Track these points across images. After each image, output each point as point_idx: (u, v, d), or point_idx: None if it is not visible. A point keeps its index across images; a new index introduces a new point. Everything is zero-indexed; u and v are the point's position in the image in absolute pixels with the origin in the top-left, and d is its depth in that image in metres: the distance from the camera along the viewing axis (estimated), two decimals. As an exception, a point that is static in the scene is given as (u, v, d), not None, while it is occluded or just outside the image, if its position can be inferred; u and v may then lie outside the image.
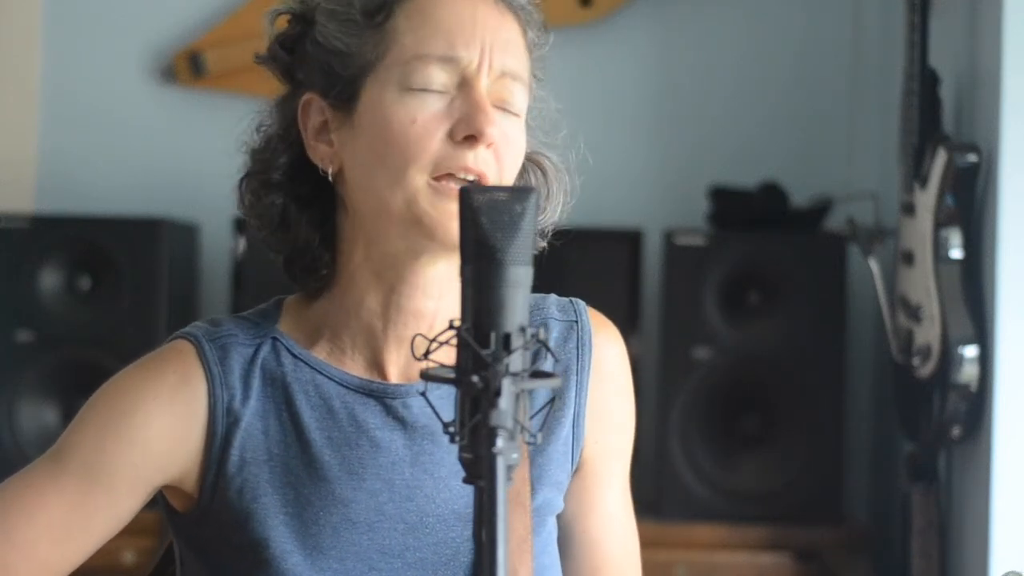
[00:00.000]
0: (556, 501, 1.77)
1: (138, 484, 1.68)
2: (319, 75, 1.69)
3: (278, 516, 1.67)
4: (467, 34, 1.66)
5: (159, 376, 1.69)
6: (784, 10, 4.14)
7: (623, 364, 1.82)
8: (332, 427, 1.69)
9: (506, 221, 1.41)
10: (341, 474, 1.68)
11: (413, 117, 1.64)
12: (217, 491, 1.68)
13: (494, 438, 1.34)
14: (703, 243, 3.76)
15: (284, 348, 1.72)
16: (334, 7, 1.69)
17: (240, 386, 1.69)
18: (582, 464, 1.79)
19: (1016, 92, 3.14)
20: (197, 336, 1.71)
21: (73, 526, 1.67)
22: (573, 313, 1.81)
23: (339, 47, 1.68)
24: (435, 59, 1.65)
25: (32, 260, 3.77)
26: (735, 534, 3.67)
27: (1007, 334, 3.17)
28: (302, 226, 1.72)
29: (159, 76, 4.18)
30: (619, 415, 1.82)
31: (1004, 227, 3.15)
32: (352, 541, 1.68)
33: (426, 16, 1.66)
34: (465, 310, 1.40)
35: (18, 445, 3.72)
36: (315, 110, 1.70)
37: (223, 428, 1.68)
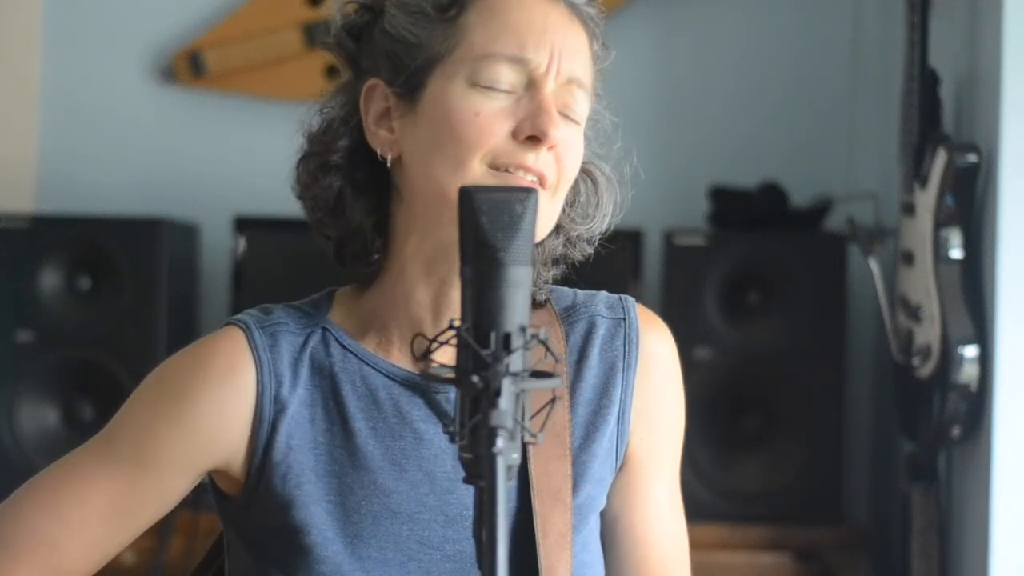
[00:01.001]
0: (599, 498, 1.77)
1: (187, 466, 1.71)
2: (385, 63, 1.71)
3: (320, 503, 1.69)
4: (537, 36, 1.68)
5: (209, 361, 1.71)
6: (784, 10, 4.14)
7: (672, 362, 1.83)
8: (377, 418, 1.71)
9: (506, 221, 1.41)
10: (384, 464, 1.70)
11: (477, 110, 1.66)
12: (263, 476, 1.70)
13: (494, 438, 1.34)
14: (703, 243, 3.76)
15: (333, 338, 1.73)
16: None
17: (289, 374, 1.71)
18: (628, 461, 1.79)
19: (1016, 92, 3.14)
20: (248, 323, 1.73)
21: (122, 507, 1.71)
22: (621, 311, 1.84)
23: (408, 38, 1.69)
24: (504, 58, 1.67)
25: (32, 260, 3.77)
26: (735, 534, 3.67)
27: (1007, 334, 3.17)
28: (357, 210, 1.72)
29: (159, 76, 4.18)
30: (667, 413, 1.82)
31: (1004, 227, 3.15)
32: (392, 531, 1.70)
33: (498, 14, 1.68)
34: (465, 310, 1.40)
35: (18, 445, 3.72)
36: (378, 96, 1.71)
37: (270, 414, 1.70)
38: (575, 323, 1.80)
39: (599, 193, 1.81)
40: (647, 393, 1.80)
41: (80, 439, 4.08)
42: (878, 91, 4.02)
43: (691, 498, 3.72)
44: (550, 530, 1.70)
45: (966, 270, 3.26)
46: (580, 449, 1.75)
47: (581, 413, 1.76)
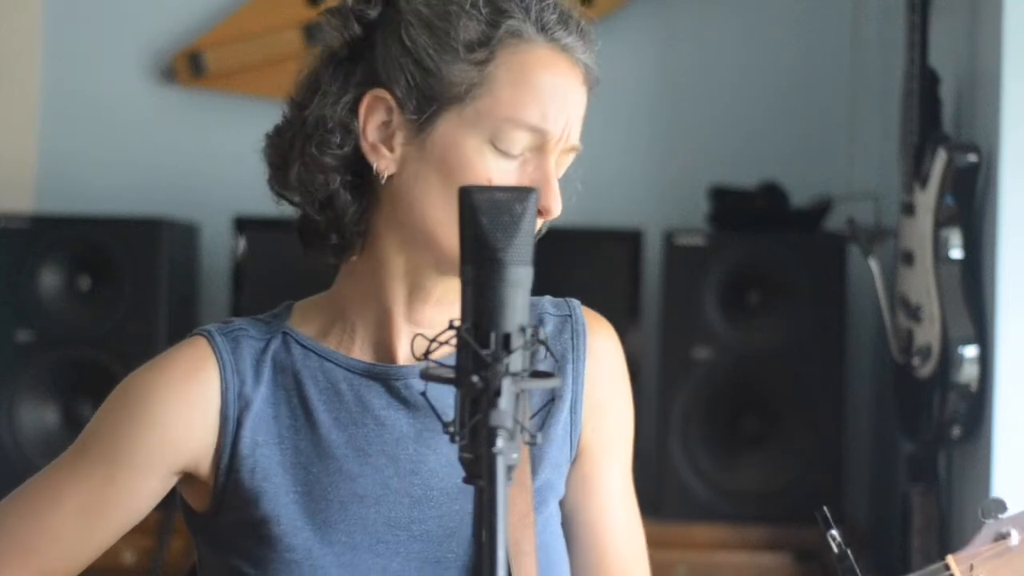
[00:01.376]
0: (557, 484, 1.82)
1: (158, 466, 1.74)
2: (398, 77, 1.71)
3: (288, 495, 1.73)
4: (559, 107, 1.70)
5: (172, 365, 1.76)
6: (784, 10, 4.13)
7: (618, 356, 1.87)
8: (339, 408, 1.76)
9: (506, 221, 1.41)
10: (348, 451, 1.74)
11: (490, 176, 1.69)
12: (232, 472, 1.74)
13: (494, 438, 1.34)
14: (703, 243, 3.76)
15: (294, 340, 1.78)
16: (431, 17, 1.71)
17: (251, 373, 1.76)
18: (581, 452, 1.84)
19: (1016, 92, 3.14)
20: (209, 330, 1.78)
21: (98, 510, 1.75)
22: (567, 308, 1.86)
23: (429, 64, 1.70)
24: (528, 127, 1.69)
25: (32, 260, 3.77)
26: (735, 534, 3.67)
27: (1007, 334, 3.17)
28: (348, 214, 1.74)
29: (159, 76, 4.18)
30: (616, 405, 1.87)
31: (1004, 227, 3.15)
32: (360, 515, 1.74)
33: (527, 77, 1.69)
34: (465, 310, 1.40)
35: (18, 445, 3.72)
36: (382, 109, 1.72)
37: (235, 411, 1.74)
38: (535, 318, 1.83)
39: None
40: (597, 386, 1.84)
41: (80, 439, 4.04)
42: (878, 91, 4.02)
43: (691, 498, 3.75)
44: (513, 509, 1.74)
45: (966, 270, 3.26)
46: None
47: (535, 401, 1.78)
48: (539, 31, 1.70)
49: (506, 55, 1.69)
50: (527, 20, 1.70)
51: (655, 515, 3.67)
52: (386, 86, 1.71)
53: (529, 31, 1.70)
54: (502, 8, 1.70)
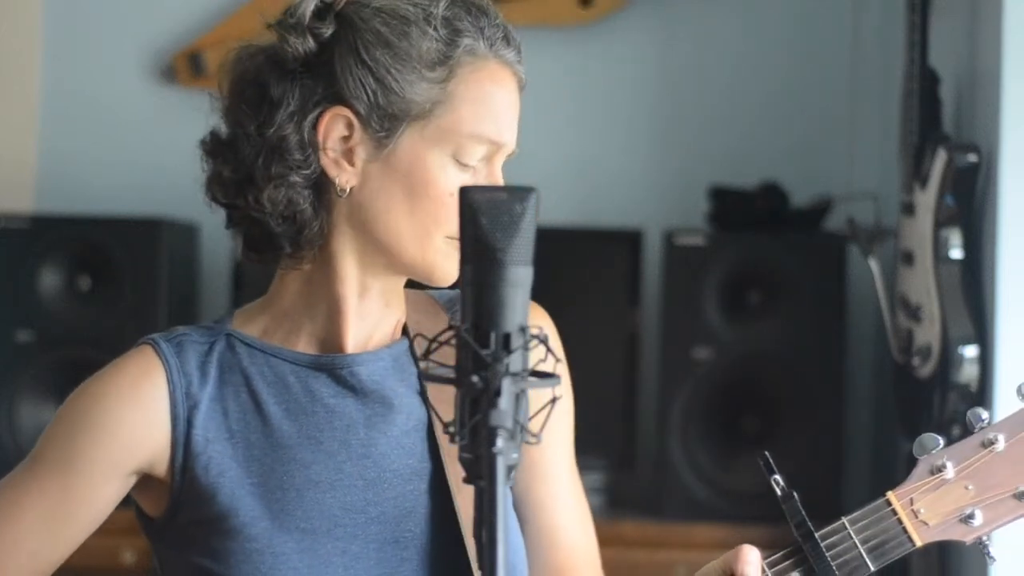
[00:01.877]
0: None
1: (114, 470, 1.78)
2: (358, 94, 1.75)
3: (244, 487, 1.77)
4: (508, 121, 1.79)
5: (119, 373, 1.81)
6: (784, 10, 4.13)
7: (554, 339, 1.88)
8: (288, 400, 1.80)
9: (506, 221, 1.41)
10: (300, 440, 1.78)
11: (452, 191, 1.74)
12: (187, 470, 1.77)
13: (494, 438, 1.34)
14: (703, 243, 3.76)
15: (238, 341, 1.82)
16: (389, 36, 1.75)
17: (197, 373, 1.80)
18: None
19: (1016, 92, 3.14)
20: (153, 338, 1.83)
21: (55, 517, 1.78)
22: None
23: (390, 82, 1.74)
24: (487, 141, 1.77)
25: (32, 260, 3.77)
26: (735, 534, 3.66)
27: (1007, 334, 3.17)
28: (309, 227, 1.78)
29: (159, 76, 4.18)
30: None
31: (1004, 227, 3.15)
32: (316, 500, 1.77)
33: (484, 93, 1.77)
34: (465, 310, 1.40)
35: (18, 445, 3.72)
36: (341, 125, 1.76)
37: (184, 411, 1.78)
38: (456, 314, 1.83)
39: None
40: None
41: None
42: (878, 91, 4.02)
43: (691, 498, 3.75)
44: (463, 487, 1.74)
45: (966, 270, 3.26)
46: None
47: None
48: (489, 48, 1.77)
49: (464, 73, 1.75)
50: (480, 38, 1.77)
51: (655, 515, 3.67)
52: (346, 103, 1.75)
53: (481, 49, 1.77)
54: (457, 28, 1.76)
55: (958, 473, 1.81)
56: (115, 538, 1.84)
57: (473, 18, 1.77)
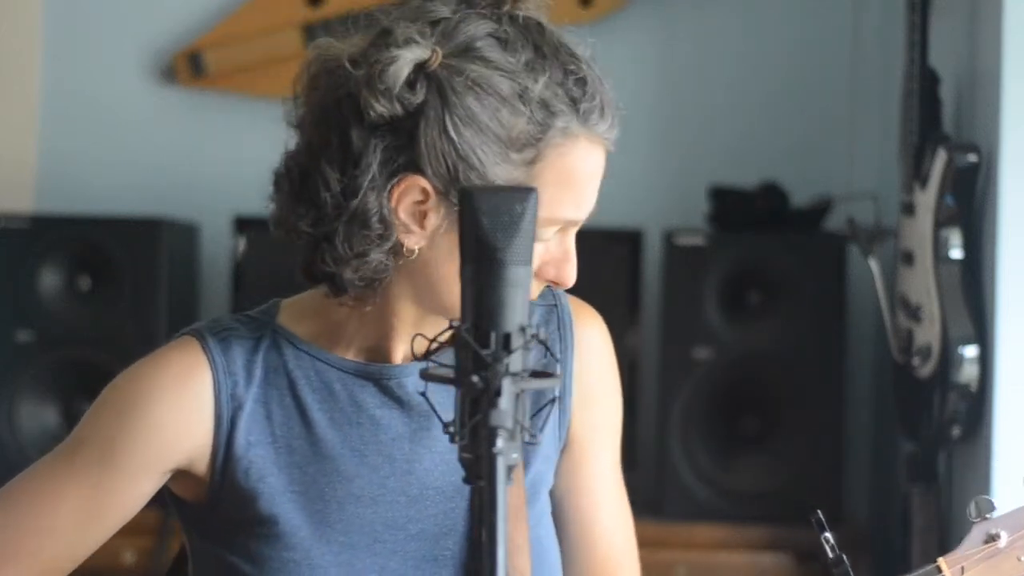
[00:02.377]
0: (547, 475, 1.83)
1: (150, 469, 1.75)
2: (439, 168, 1.65)
3: (285, 494, 1.74)
4: (590, 197, 1.73)
5: (164, 366, 1.76)
6: (784, 10, 4.13)
7: (606, 345, 1.88)
8: (334, 408, 1.75)
9: (506, 221, 1.41)
10: (344, 451, 1.75)
11: None
12: (227, 472, 1.74)
13: (494, 438, 1.34)
14: (703, 243, 3.76)
15: (285, 340, 1.77)
16: (479, 113, 1.65)
17: (243, 373, 1.75)
18: (569, 442, 1.84)
19: (1016, 92, 3.13)
20: (200, 330, 1.77)
21: (91, 511, 1.74)
22: (552, 298, 1.85)
23: (474, 162, 1.65)
24: (563, 222, 1.71)
25: (32, 260, 3.77)
26: (735, 534, 3.67)
27: (1007, 334, 3.17)
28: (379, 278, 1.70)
29: (159, 76, 4.18)
30: (604, 395, 1.87)
31: (1004, 227, 3.15)
32: (357, 514, 1.74)
33: (569, 176, 1.69)
34: (465, 310, 1.40)
35: (18, 445, 3.72)
36: (416, 192, 1.67)
37: (229, 412, 1.74)
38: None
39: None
40: (585, 376, 1.85)
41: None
42: (878, 91, 4.02)
43: (691, 498, 3.75)
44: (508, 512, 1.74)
45: (966, 270, 3.26)
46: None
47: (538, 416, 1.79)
48: (582, 124, 1.69)
49: (552, 155, 1.67)
50: (574, 116, 1.68)
51: (655, 515, 3.67)
52: (425, 174, 1.65)
53: (574, 127, 1.68)
54: (552, 109, 1.67)
55: (1011, 543, 1.76)
56: (115, 538, 1.82)
57: (572, 94, 1.68)
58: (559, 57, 1.70)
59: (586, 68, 1.71)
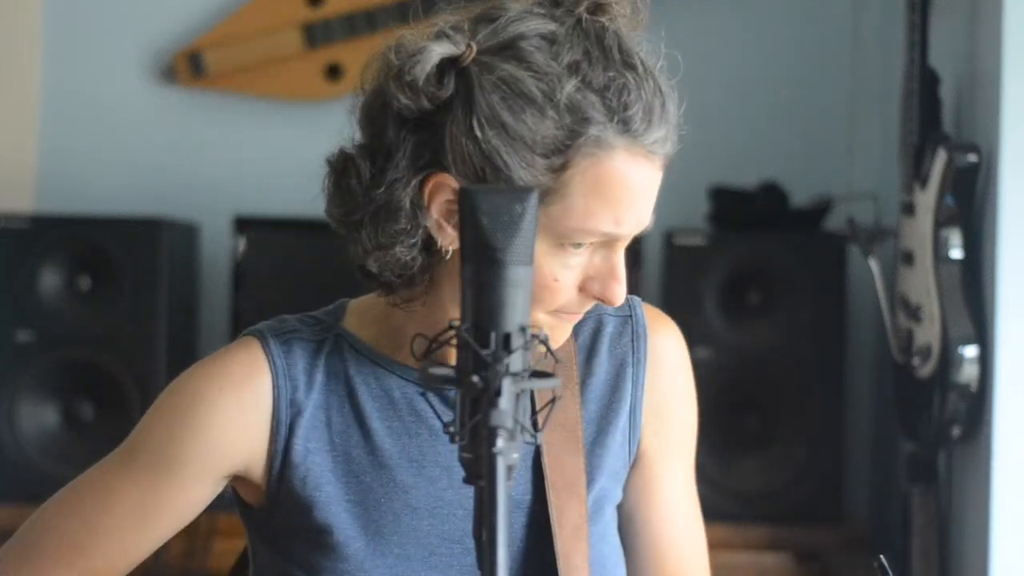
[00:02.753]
0: (614, 491, 1.80)
1: (207, 472, 1.73)
2: (467, 169, 1.61)
3: (341, 503, 1.71)
4: (632, 211, 1.66)
5: (225, 369, 1.73)
6: (784, 10, 4.13)
7: (682, 359, 1.86)
8: (393, 417, 1.73)
9: (506, 221, 1.41)
10: (402, 462, 1.72)
11: (556, 276, 1.64)
12: (283, 480, 1.72)
13: (494, 438, 1.34)
14: (703, 243, 3.76)
15: (347, 344, 1.74)
16: (504, 113, 1.60)
17: (304, 378, 1.73)
18: (640, 456, 1.82)
19: (1016, 92, 3.13)
20: (263, 331, 1.74)
21: (146, 513, 1.73)
22: (627, 309, 1.82)
23: (498, 163, 1.60)
24: (599, 234, 1.64)
25: (32, 260, 3.77)
26: (735, 534, 3.67)
27: (1007, 334, 3.17)
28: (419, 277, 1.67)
29: (159, 76, 4.18)
30: (679, 409, 1.86)
31: (1004, 227, 3.15)
32: (413, 526, 1.72)
33: (602, 188, 1.62)
34: (465, 310, 1.40)
35: (18, 445, 3.72)
36: (447, 192, 1.63)
37: (287, 418, 1.72)
38: (583, 323, 1.79)
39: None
40: (658, 389, 1.82)
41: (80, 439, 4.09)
42: (878, 91, 4.02)
43: (691, 498, 3.72)
44: (565, 522, 1.72)
45: (966, 270, 3.26)
46: (593, 443, 1.77)
47: (592, 409, 1.78)
48: (622, 133, 1.62)
49: (583, 164, 1.61)
50: (608, 124, 1.61)
51: (655, 515, 3.66)
52: (451, 172, 1.62)
53: (610, 137, 1.61)
54: (585, 115, 1.60)
55: None
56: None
57: (610, 102, 1.62)
58: (610, 64, 1.64)
59: (640, 78, 1.65)
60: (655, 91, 1.66)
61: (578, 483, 1.74)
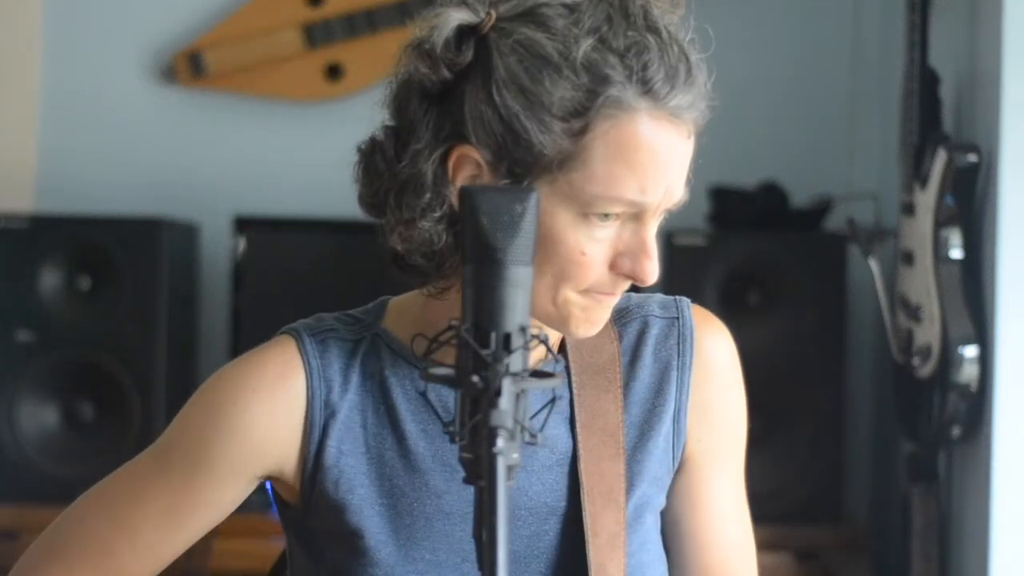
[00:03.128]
0: (656, 498, 1.75)
1: (239, 474, 1.70)
2: (487, 137, 1.58)
3: (373, 507, 1.68)
4: (658, 178, 1.62)
5: (259, 369, 1.70)
6: (784, 10, 4.14)
7: (730, 360, 1.84)
8: (427, 419, 1.68)
9: (506, 221, 1.41)
10: (435, 465, 1.68)
11: (583, 249, 1.60)
12: (316, 482, 1.69)
13: (494, 438, 1.34)
14: (703, 243, 3.76)
15: (384, 344, 1.71)
16: (524, 79, 1.57)
17: (339, 379, 1.69)
18: (686, 461, 1.78)
19: (1016, 92, 3.14)
20: (299, 330, 1.71)
21: (176, 514, 1.70)
22: (675, 310, 1.82)
23: (519, 130, 1.57)
24: (624, 202, 1.60)
25: (32, 260, 3.77)
26: (735, 534, 3.66)
27: (1007, 334, 3.17)
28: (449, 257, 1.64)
29: (159, 76, 4.18)
30: (726, 413, 1.83)
31: (1004, 227, 3.15)
32: (445, 532, 1.68)
33: (624, 152, 1.58)
34: (465, 310, 1.40)
35: (18, 445, 3.72)
36: (471, 165, 1.60)
37: (321, 419, 1.69)
38: (628, 324, 1.78)
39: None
40: (704, 392, 1.79)
41: (80, 439, 4.08)
42: (878, 91, 4.02)
43: (691, 498, 3.72)
44: (601, 530, 1.68)
45: (966, 270, 3.26)
46: (635, 448, 1.73)
47: (635, 412, 1.74)
48: (643, 95, 1.59)
49: (604, 126, 1.57)
50: (629, 84, 1.58)
51: (655, 515, 3.66)
52: (474, 144, 1.59)
53: (630, 98, 1.58)
54: (603, 74, 1.57)
55: None
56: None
57: (630, 63, 1.59)
58: (632, 27, 1.61)
59: (664, 43, 1.63)
60: (680, 56, 1.65)
61: (617, 489, 1.70)
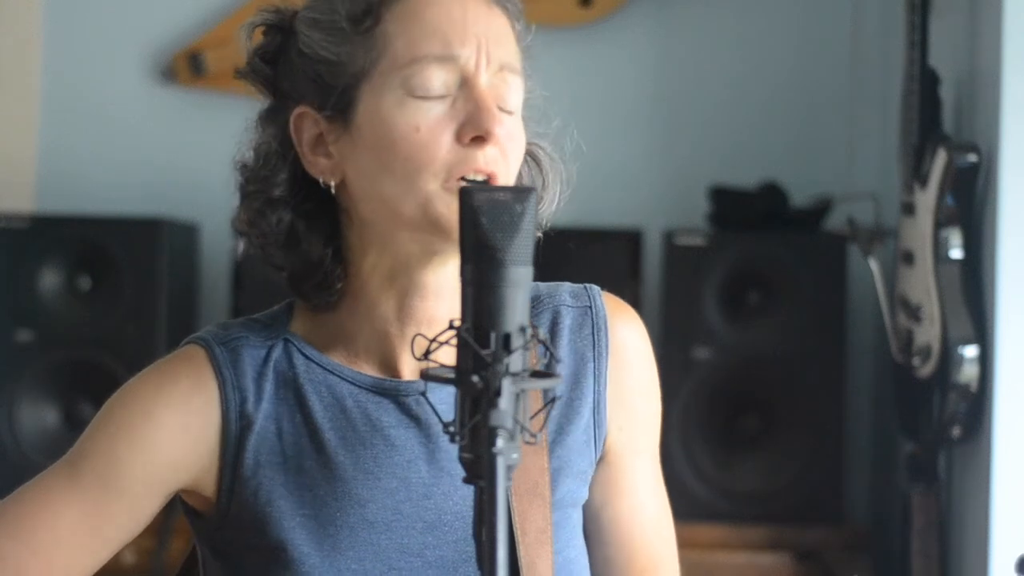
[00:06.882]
0: (580, 492, 1.74)
1: (153, 489, 1.67)
2: (309, 87, 1.65)
3: (295, 518, 1.65)
4: (461, 31, 1.62)
5: (171, 381, 1.67)
6: (784, 10, 4.14)
7: (643, 347, 1.80)
8: (346, 427, 1.66)
9: (506, 221, 1.41)
10: (357, 474, 1.65)
11: (416, 125, 1.60)
12: (234, 494, 1.66)
13: (494, 438, 1.34)
14: (703, 243, 3.76)
15: (296, 350, 1.69)
16: (315, 15, 1.65)
17: (253, 388, 1.67)
18: (608, 451, 1.75)
19: (1016, 92, 3.14)
20: (208, 340, 1.68)
21: (89, 532, 1.67)
22: (587, 298, 1.78)
23: (327, 56, 1.63)
24: (433, 60, 1.61)
25: (32, 260, 3.77)
26: (735, 534, 3.67)
27: (1007, 334, 3.17)
28: (313, 243, 1.67)
29: (159, 76, 4.18)
30: (643, 401, 1.78)
31: (1004, 227, 3.15)
32: (370, 541, 1.65)
33: (417, 17, 1.62)
34: (465, 310, 1.40)
35: (18, 445, 3.72)
36: (309, 123, 1.65)
37: (236, 431, 1.66)
38: (540, 314, 1.74)
39: (544, 174, 1.74)
40: (621, 381, 1.76)
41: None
42: (878, 91, 4.02)
43: (691, 498, 3.75)
44: (529, 527, 1.66)
45: (966, 270, 3.26)
46: (555, 443, 1.71)
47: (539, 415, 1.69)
48: None
49: (392, 11, 1.62)
50: None
51: (655, 515, 3.66)
52: (302, 100, 1.65)
53: None
54: None
55: None
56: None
57: None
58: None
59: None
60: None
61: (541, 484, 1.68)
